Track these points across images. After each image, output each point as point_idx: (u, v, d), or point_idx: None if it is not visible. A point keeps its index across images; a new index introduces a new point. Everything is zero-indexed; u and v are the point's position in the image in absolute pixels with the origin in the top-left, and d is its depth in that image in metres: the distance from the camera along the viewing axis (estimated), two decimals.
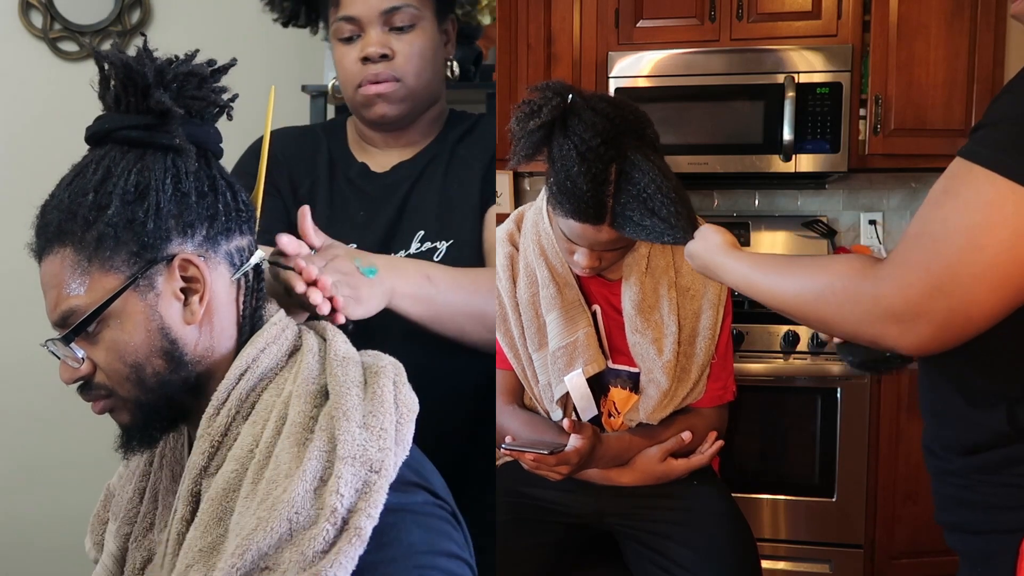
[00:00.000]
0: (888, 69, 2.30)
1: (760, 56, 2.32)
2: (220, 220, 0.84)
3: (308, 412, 0.78)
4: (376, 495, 0.72)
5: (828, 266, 0.85)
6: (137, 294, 0.80)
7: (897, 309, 0.75)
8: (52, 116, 1.95)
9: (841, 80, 2.28)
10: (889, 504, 2.16)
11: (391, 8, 1.18)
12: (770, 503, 2.20)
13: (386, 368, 0.84)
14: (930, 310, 0.73)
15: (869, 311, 0.78)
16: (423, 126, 1.28)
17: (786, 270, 0.93)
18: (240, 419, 0.80)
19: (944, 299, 0.72)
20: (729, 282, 1.05)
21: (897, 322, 0.75)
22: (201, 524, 0.75)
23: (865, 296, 0.78)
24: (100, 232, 0.78)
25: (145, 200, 0.79)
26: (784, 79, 2.29)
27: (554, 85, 1.19)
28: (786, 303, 0.91)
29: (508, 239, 1.40)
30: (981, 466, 0.83)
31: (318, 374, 0.82)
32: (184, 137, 0.83)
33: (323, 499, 0.71)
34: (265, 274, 0.89)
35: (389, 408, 0.79)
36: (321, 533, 0.69)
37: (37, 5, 2.00)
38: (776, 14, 2.37)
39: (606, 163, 1.13)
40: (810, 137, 2.31)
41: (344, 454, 0.73)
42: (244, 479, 0.76)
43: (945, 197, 0.75)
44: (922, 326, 0.74)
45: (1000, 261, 0.70)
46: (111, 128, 0.82)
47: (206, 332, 0.83)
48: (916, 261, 0.74)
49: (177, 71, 0.83)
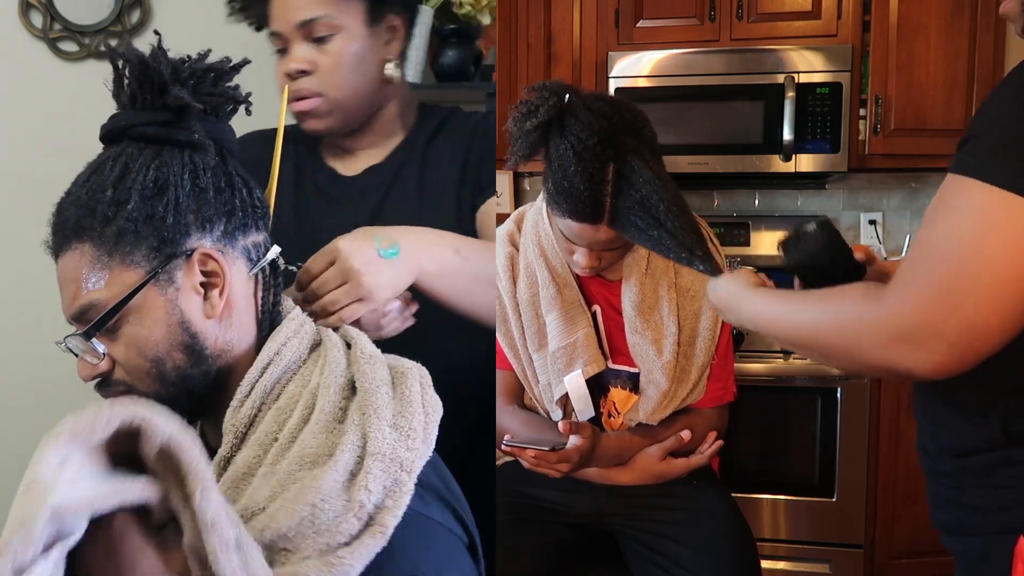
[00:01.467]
0: (888, 69, 2.30)
1: (760, 56, 2.32)
2: (237, 216, 0.85)
3: (338, 403, 0.79)
4: (403, 496, 0.74)
5: (837, 295, 0.84)
6: (157, 288, 0.80)
7: (906, 329, 0.74)
8: (52, 116, 1.95)
9: (841, 80, 2.28)
10: (889, 504, 2.16)
11: (306, 20, 1.16)
12: (770, 503, 2.20)
13: (412, 370, 0.85)
14: (939, 325, 0.72)
15: (879, 334, 0.76)
16: (381, 126, 1.26)
17: (798, 304, 0.91)
18: (265, 410, 0.81)
19: (951, 313, 0.71)
20: (747, 320, 1.02)
21: (909, 343, 0.74)
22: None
23: (874, 320, 0.77)
24: (120, 227, 0.79)
25: (164, 195, 0.80)
26: (784, 79, 2.29)
27: (551, 85, 1.19)
28: (803, 338, 0.89)
29: (508, 239, 1.40)
30: (973, 468, 0.84)
31: (345, 367, 0.83)
32: (203, 132, 0.83)
33: (351, 492, 0.72)
34: (281, 270, 0.90)
35: (417, 409, 0.80)
36: (347, 526, 0.71)
37: (37, 5, 2.00)
38: (776, 14, 2.37)
39: (603, 163, 1.13)
40: (810, 137, 2.31)
41: (374, 450, 0.74)
42: (264, 461, 0.77)
43: (939, 213, 0.75)
44: (935, 344, 0.72)
45: (998, 266, 0.70)
46: (128, 125, 0.83)
47: (226, 326, 0.83)
48: (919, 279, 0.74)
49: (194, 67, 0.84)
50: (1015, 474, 0.80)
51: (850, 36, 2.33)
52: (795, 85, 2.28)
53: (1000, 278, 0.70)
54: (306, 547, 0.70)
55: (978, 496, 0.84)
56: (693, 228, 1.12)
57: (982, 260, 0.71)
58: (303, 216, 1.24)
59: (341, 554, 0.69)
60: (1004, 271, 0.70)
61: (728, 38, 2.39)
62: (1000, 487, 0.81)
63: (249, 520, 0.71)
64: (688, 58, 2.35)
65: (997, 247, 0.70)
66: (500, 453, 1.42)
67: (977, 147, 0.74)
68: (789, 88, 2.28)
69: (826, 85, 2.29)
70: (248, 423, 0.80)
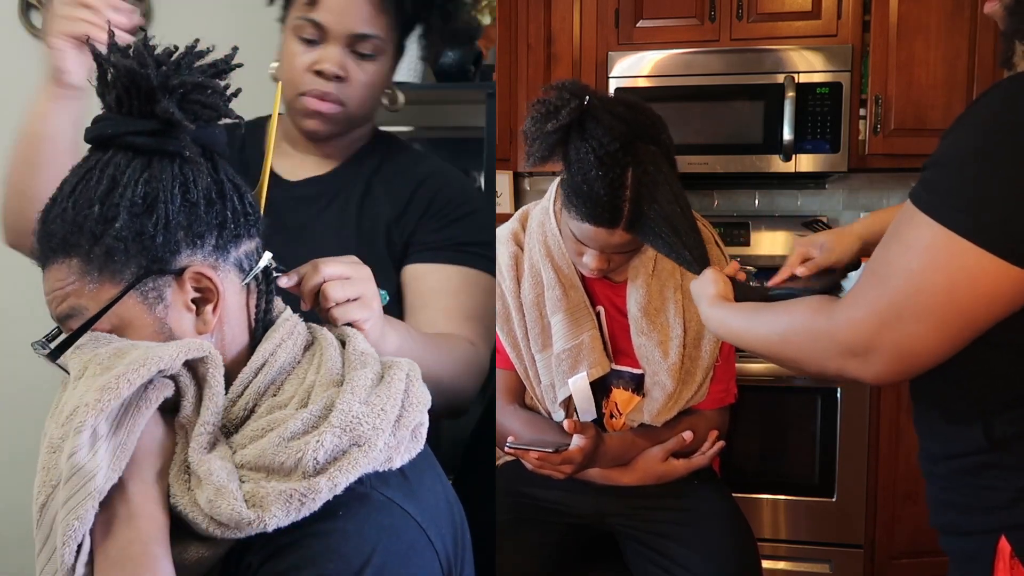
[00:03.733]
0: (888, 69, 2.30)
1: (760, 56, 2.32)
2: (229, 228, 0.82)
3: (332, 397, 0.79)
4: (349, 467, 0.74)
5: (790, 309, 0.92)
6: (146, 306, 0.78)
7: (851, 344, 0.80)
8: None
9: (841, 80, 2.28)
10: (889, 504, 2.16)
11: (362, 34, 1.16)
12: (770, 503, 2.20)
13: (401, 363, 0.85)
14: (880, 344, 0.78)
15: (827, 347, 0.83)
16: (346, 142, 1.26)
17: (755, 316, 0.99)
18: (258, 409, 0.80)
19: (890, 334, 0.77)
20: (711, 328, 1.12)
21: (854, 356, 0.80)
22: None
23: (823, 333, 0.84)
24: (108, 246, 0.76)
25: (153, 212, 0.78)
26: (784, 79, 2.29)
27: (570, 86, 1.18)
28: (758, 346, 0.98)
29: (512, 238, 1.40)
30: (962, 470, 0.86)
31: (340, 366, 0.83)
32: (193, 147, 0.80)
33: (298, 442, 0.74)
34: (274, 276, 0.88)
35: (395, 393, 0.80)
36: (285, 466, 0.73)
37: (37, 5, 2.00)
38: (776, 14, 2.37)
39: (623, 168, 1.13)
40: (810, 137, 2.31)
41: (336, 423, 0.75)
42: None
43: (892, 239, 0.80)
44: (876, 359, 0.79)
45: (938, 303, 0.75)
46: (115, 133, 0.80)
47: (219, 339, 0.82)
48: (864, 299, 0.80)
49: (184, 80, 0.80)
50: (999, 476, 0.82)
51: (850, 36, 2.33)
52: (795, 85, 2.28)
53: (939, 310, 0.76)
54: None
55: (967, 496, 0.86)
56: (699, 237, 1.16)
57: (924, 294, 0.76)
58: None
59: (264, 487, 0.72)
60: (944, 306, 0.75)
61: (728, 38, 2.39)
62: (987, 488, 0.84)
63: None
64: (688, 58, 2.35)
65: (939, 284, 0.75)
66: (500, 453, 1.42)
67: (935, 181, 0.78)
68: (789, 88, 2.28)
69: (826, 85, 2.29)
70: (240, 422, 0.80)
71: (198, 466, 0.73)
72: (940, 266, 0.75)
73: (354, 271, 0.94)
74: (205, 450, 0.75)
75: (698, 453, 1.35)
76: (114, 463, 0.71)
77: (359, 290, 0.93)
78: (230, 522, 0.70)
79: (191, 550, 0.74)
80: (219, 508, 0.70)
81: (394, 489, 0.78)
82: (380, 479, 0.78)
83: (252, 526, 0.70)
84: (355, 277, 0.93)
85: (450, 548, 0.82)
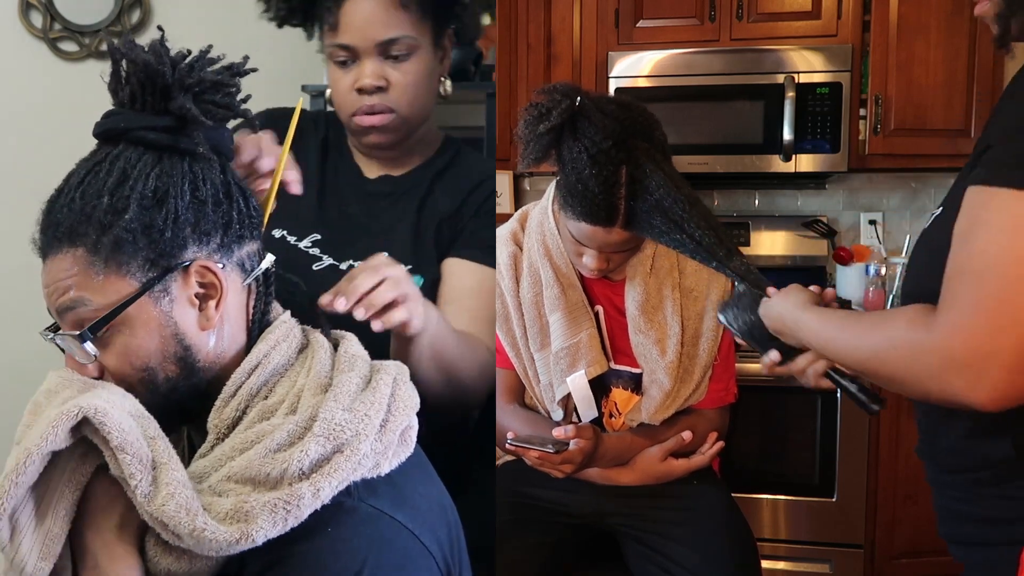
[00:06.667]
0: (888, 69, 2.30)
1: (760, 56, 2.32)
2: (234, 228, 0.83)
3: (316, 405, 0.78)
4: (331, 472, 0.73)
5: (886, 321, 0.81)
6: (151, 300, 0.78)
7: (960, 357, 0.69)
8: (52, 116, 1.95)
9: (841, 80, 2.28)
10: (889, 504, 2.16)
11: (389, 40, 1.17)
12: (770, 503, 2.20)
13: (389, 366, 0.85)
14: (994, 350, 0.67)
15: (931, 364, 0.72)
16: (411, 145, 1.28)
17: (849, 327, 0.87)
18: (250, 411, 0.80)
19: (1005, 336, 0.67)
20: (806, 340, 0.98)
21: (963, 371, 0.69)
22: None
23: (924, 348, 0.72)
24: (117, 237, 0.76)
25: (163, 207, 0.78)
26: (784, 79, 2.29)
27: (561, 87, 1.18)
28: (856, 364, 0.86)
29: (512, 238, 1.40)
30: (980, 480, 0.84)
31: (329, 369, 0.83)
32: (207, 145, 0.81)
33: (284, 455, 0.73)
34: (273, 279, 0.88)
35: (380, 398, 0.80)
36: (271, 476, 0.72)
37: (37, 5, 2.00)
38: (776, 14, 2.37)
39: (617, 165, 1.13)
40: (810, 137, 2.31)
41: (318, 432, 0.74)
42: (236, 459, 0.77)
43: (974, 229, 0.71)
44: (991, 371, 0.68)
45: None
46: (127, 128, 0.80)
47: (219, 337, 0.82)
48: (966, 302, 0.70)
49: (203, 77, 0.81)
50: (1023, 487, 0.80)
51: (850, 36, 2.33)
52: (795, 85, 2.28)
53: None
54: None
55: (987, 507, 0.84)
56: (719, 233, 1.11)
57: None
58: (326, 186, 1.26)
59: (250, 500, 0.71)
60: None
61: (728, 38, 2.39)
62: (1011, 498, 0.81)
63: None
64: (688, 58, 2.35)
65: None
66: (500, 453, 1.42)
67: (1001, 155, 0.71)
68: (789, 88, 2.28)
69: (826, 85, 2.29)
70: (232, 424, 0.80)
71: (150, 510, 0.70)
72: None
73: (387, 271, 0.96)
74: (147, 495, 0.71)
75: (697, 453, 1.35)
76: (44, 551, 0.70)
77: (398, 291, 0.95)
78: (214, 546, 0.69)
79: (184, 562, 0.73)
80: (202, 535, 0.69)
81: (382, 498, 0.77)
82: (368, 489, 0.77)
83: (241, 543, 0.69)
84: (390, 277, 0.95)
85: (447, 551, 0.82)
